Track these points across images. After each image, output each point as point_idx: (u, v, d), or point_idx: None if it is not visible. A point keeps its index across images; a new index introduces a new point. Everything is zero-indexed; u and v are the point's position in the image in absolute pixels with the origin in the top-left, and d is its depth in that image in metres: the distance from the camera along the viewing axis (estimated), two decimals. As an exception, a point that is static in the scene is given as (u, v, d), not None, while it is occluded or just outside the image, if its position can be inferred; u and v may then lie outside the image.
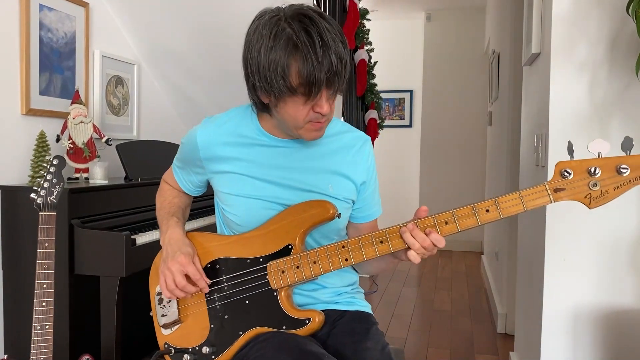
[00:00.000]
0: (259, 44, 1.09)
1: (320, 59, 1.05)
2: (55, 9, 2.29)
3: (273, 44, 1.07)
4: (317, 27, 1.07)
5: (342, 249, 1.15)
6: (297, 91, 1.08)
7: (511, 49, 3.35)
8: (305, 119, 1.13)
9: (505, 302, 3.35)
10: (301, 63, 1.05)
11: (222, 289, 1.24)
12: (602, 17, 1.74)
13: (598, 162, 1.02)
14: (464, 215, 1.09)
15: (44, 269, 1.54)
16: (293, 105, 1.11)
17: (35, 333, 1.53)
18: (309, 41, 1.05)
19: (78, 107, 2.23)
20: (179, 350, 1.27)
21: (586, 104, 1.77)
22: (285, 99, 1.10)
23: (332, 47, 1.07)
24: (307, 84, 1.06)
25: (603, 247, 1.78)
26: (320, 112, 1.12)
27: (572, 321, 1.82)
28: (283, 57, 1.06)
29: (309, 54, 1.05)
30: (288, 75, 1.06)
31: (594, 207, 1.04)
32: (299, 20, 1.08)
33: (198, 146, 1.28)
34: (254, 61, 1.10)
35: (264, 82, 1.09)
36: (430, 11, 6.17)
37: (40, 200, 1.56)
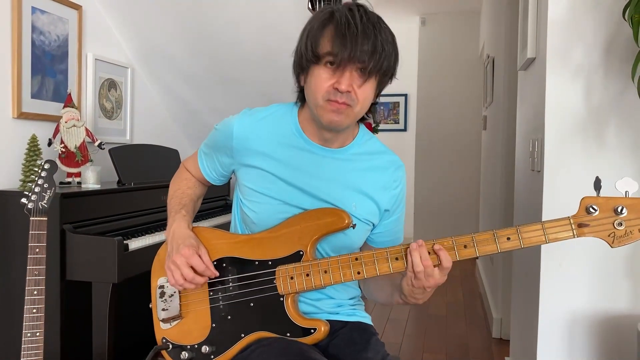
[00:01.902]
0: (307, 27, 1.15)
1: (354, 31, 1.06)
2: (47, 12, 2.27)
3: (313, 21, 1.13)
4: (363, 9, 1.11)
5: (355, 261, 1.12)
6: (322, 59, 1.09)
7: (506, 53, 3.36)
8: (324, 95, 1.11)
9: (500, 307, 3.35)
10: (334, 30, 1.08)
11: (227, 289, 1.22)
12: (598, 21, 1.74)
13: (625, 202, 1.02)
14: (484, 241, 1.06)
15: (34, 275, 1.52)
16: (317, 78, 1.11)
17: (25, 340, 1.51)
18: (350, 15, 1.08)
19: (70, 111, 2.21)
20: (177, 346, 1.24)
21: (582, 108, 1.77)
22: (312, 70, 1.12)
23: (371, 28, 1.08)
24: (333, 52, 1.07)
25: (599, 252, 1.78)
26: (337, 87, 1.09)
27: (568, 327, 1.81)
28: (318, 27, 1.10)
29: (345, 25, 1.06)
30: (319, 41, 1.09)
31: (617, 246, 1.03)
32: (348, 5, 1.12)
33: (233, 135, 1.25)
34: (298, 42, 1.16)
35: (299, 55, 1.14)
36: (425, 15, 6.18)
37: (31, 205, 1.54)
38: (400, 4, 5.78)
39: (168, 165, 2.69)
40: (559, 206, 1.80)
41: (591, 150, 1.76)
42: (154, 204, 2.36)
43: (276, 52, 2.72)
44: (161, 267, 1.28)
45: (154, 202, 2.37)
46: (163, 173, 2.60)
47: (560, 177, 1.79)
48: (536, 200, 1.92)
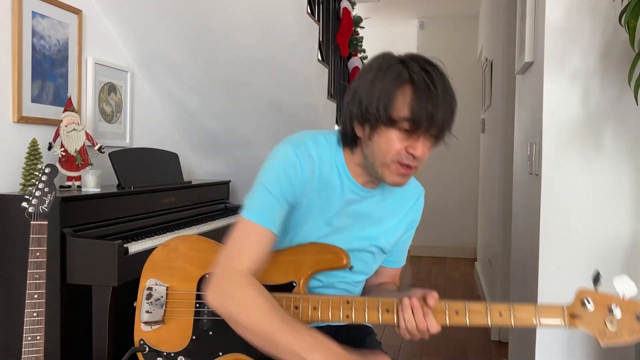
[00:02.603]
0: (369, 75, 1.09)
1: (435, 98, 1.03)
2: (47, 16, 2.28)
3: (384, 74, 1.06)
4: (439, 70, 1.07)
5: (346, 304, 1.12)
6: (398, 124, 1.05)
7: (504, 57, 3.37)
8: (394, 157, 1.08)
9: (499, 310, 3.35)
10: (413, 95, 1.03)
11: None
12: (595, 26, 1.75)
13: (621, 303, 1.02)
14: (476, 311, 1.06)
15: (35, 279, 1.52)
16: (387, 139, 1.07)
17: (25, 344, 1.51)
18: (428, 78, 1.03)
19: (70, 115, 2.21)
20: (153, 350, 1.24)
21: (579, 112, 1.78)
22: (382, 130, 1.07)
23: (449, 93, 1.06)
24: (413, 118, 1.03)
25: (597, 255, 1.78)
26: (413, 153, 1.07)
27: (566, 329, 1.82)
28: (392, 86, 1.04)
29: (425, 90, 1.03)
30: (393, 104, 1.04)
31: (605, 344, 1.03)
32: (417, 61, 1.07)
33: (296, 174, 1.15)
34: (359, 89, 1.09)
35: (365, 109, 1.07)
36: (424, 19, 6.20)
37: (31, 209, 1.54)
38: (399, 7, 5.80)
39: (168, 168, 2.70)
40: (557, 209, 1.81)
41: (588, 153, 1.77)
42: (153, 207, 2.37)
43: (276, 55, 2.73)
44: (154, 268, 1.28)
45: (154, 205, 2.37)
46: (163, 177, 2.61)
47: (558, 180, 1.80)
48: (534, 204, 1.93)
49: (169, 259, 1.29)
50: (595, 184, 1.77)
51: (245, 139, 3.29)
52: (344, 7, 3.89)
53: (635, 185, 1.75)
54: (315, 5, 3.49)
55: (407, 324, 1.05)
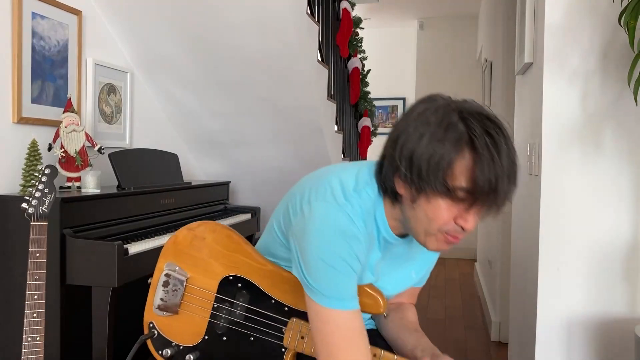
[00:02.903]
0: (423, 129, 0.94)
1: (499, 168, 0.90)
2: (47, 17, 2.28)
3: (443, 135, 0.92)
4: (502, 132, 0.93)
5: (373, 357, 1.06)
6: (453, 194, 0.93)
7: (504, 57, 3.37)
8: (441, 227, 0.97)
9: (499, 310, 3.35)
10: (475, 163, 0.90)
11: (232, 312, 1.16)
12: (595, 27, 1.75)
13: None
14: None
15: (35, 280, 1.53)
16: (436, 207, 0.95)
17: (25, 344, 1.51)
18: (492, 144, 0.90)
19: (70, 116, 2.21)
20: (162, 337, 1.19)
21: (579, 113, 1.78)
22: (431, 197, 0.95)
23: (514, 160, 0.93)
24: (472, 189, 0.92)
25: (596, 256, 1.79)
26: (463, 226, 0.96)
27: (566, 330, 1.82)
28: (452, 150, 0.91)
29: (489, 158, 0.90)
30: (451, 171, 0.91)
31: None
32: (479, 119, 0.93)
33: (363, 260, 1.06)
34: (410, 145, 0.95)
35: (414, 171, 0.94)
36: (423, 19, 6.20)
37: (31, 210, 1.54)
38: (399, 8, 5.80)
39: (167, 169, 2.70)
40: (557, 210, 1.81)
41: (588, 154, 1.77)
42: (153, 208, 2.36)
43: (275, 56, 2.73)
44: (176, 252, 1.22)
45: (154, 206, 2.37)
46: (163, 177, 2.61)
47: (558, 180, 1.80)
48: (534, 204, 1.93)
49: (192, 246, 1.22)
50: (595, 184, 1.77)
51: (244, 139, 3.29)
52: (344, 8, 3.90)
53: (635, 185, 1.75)
54: (315, 5, 3.49)
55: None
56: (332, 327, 1.00)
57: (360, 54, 4.33)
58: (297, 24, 2.67)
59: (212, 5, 2.53)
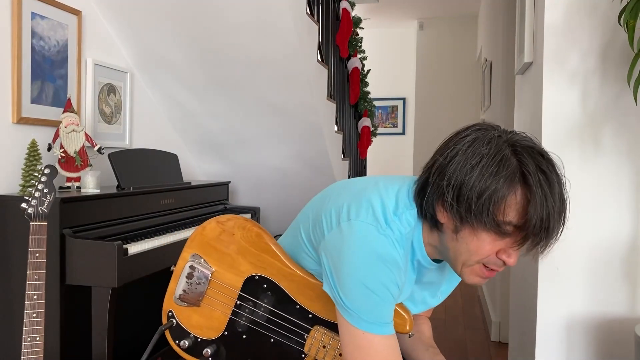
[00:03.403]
0: (474, 161, 0.91)
1: (552, 207, 0.89)
2: (47, 17, 2.28)
3: (496, 169, 0.90)
4: (555, 171, 0.93)
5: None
6: (502, 229, 0.91)
7: (503, 57, 3.37)
8: (481, 260, 0.96)
9: (499, 310, 3.35)
10: (527, 201, 0.89)
11: (255, 312, 1.15)
12: (594, 27, 1.75)
13: None
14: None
15: (34, 280, 1.53)
16: (480, 241, 0.93)
17: (25, 345, 1.51)
18: (546, 182, 0.90)
19: (70, 116, 2.21)
20: (181, 328, 1.18)
21: (579, 113, 1.78)
22: (476, 230, 0.93)
23: (565, 199, 0.92)
24: (522, 226, 0.90)
25: (596, 256, 1.79)
26: (506, 260, 0.94)
27: (566, 330, 1.82)
28: (504, 185, 0.89)
29: (542, 197, 0.88)
30: (502, 207, 0.89)
31: None
32: (531, 154, 0.93)
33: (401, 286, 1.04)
34: (459, 175, 0.92)
35: (462, 203, 0.92)
36: (423, 19, 6.21)
37: (31, 210, 1.54)
38: (399, 8, 5.81)
39: (167, 169, 2.70)
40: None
41: (588, 153, 1.77)
42: (153, 208, 2.36)
43: (275, 56, 2.73)
44: (203, 243, 1.20)
45: (154, 206, 2.37)
46: (162, 177, 2.61)
47: (558, 180, 1.80)
48: (534, 204, 1.93)
49: (220, 240, 1.20)
50: (595, 183, 1.77)
51: (244, 139, 3.29)
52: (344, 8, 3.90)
53: (634, 184, 1.75)
54: (315, 5, 3.49)
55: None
56: (371, 351, 0.99)
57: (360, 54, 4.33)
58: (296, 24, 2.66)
59: (212, 5, 2.53)
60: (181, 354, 1.18)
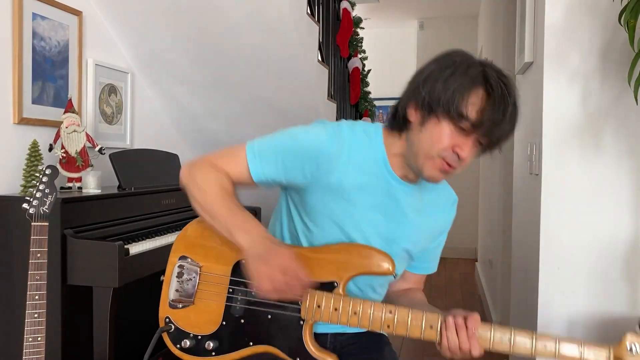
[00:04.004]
0: (451, 68, 1.08)
1: (506, 110, 1.04)
2: (48, 18, 2.28)
3: (464, 71, 1.07)
4: (513, 87, 1.08)
5: (389, 314, 1.09)
6: (459, 121, 1.05)
7: (504, 57, 3.37)
8: (440, 152, 1.08)
9: (499, 310, 3.35)
10: (485, 99, 1.05)
11: (248, 292, 1.17)
12: (594, 26, 1.75)
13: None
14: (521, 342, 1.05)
15: (36, 280, 1.53)
16: (440, 131, 1.07)
17: (27, 345, 1.51)
18: (503, 90, 1.05)
19: (71, 116, 2.22)
20: (180, 330, 1.19)
21: (579, 112, 1.78)
22: (440, 120, 1.07)
23: (517, 110, 1.08)
24: (477, 120, 1.04)
25: (597, 255, 1.79)
26: (459, 153, 1.07)
27: (566, 329, 1.82)
28: (470, 84, 1.05)
29: (499, 99, 1.04)
30: (466, 102, 1.04)
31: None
32: (495, 69, 1.09)
33: (321, 152, 1.15)
34: (434, 74, 1.09)
35: (433, 95, 1.07)
36: (423, 19, 6.20)
37: (32, 210, 1.55)
38: (399, 8, 5.81)
39: (168, 170, 2.70)
40: (557, 209, 1.81)
41: (588, 153, 1.77)
42: (154, 208, 2.37)
43: (275, 56, 2.73)
44: (187, 244, 1.23)
45: (155, 206, 2.37)
46: (163, 178, 2.61)
47: (558, 180, 1.80)
48: (534, 204, 1.93)
49: (203, 236, 1.23)
50: (596, 183, 1.77)
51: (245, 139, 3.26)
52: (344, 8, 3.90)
53: (635, 184, 1.75)
54: (315, 6, 3.49)
55: (449, 344, 1.04)
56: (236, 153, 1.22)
57: (360, 54, 4.33)
58: (297, 24, 2.67)
59: (213, 5, 2.53)
60: (183, 357, 1.19)
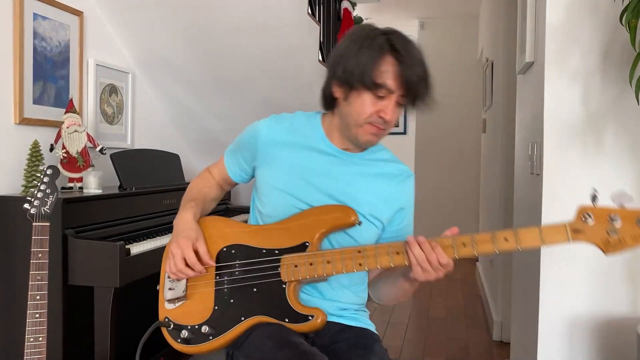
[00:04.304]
0: (358, 43, 1.18)
1: (412, 69, 1.16)
2: (49, 18, 2.28)
3: (370, 43, 1.17)
4: (415, 47, 1.20)
5: (358, 253, 1.17)
6: (376, 89, 1.17)
7: (505, 57, 3.37)
8: (367, 119, 1.20)
9: (500, 310, 3.35)
10: (394, 64, 1.16)
11: (233, 274, 1.25)
12: (596, 26, 1.75)
13: (620, 212, 1.07)
14: (483, 241, 1.12)
15: (37, 280, 1.53)
16: (362, 102, 1.19)
17: (28, 345, 1.52)
18: (408, 53, 1.16)
19: (72, 116, 2.22)
20: (178, 326, 1.27)
21: (580, 112, 1.78)
22: (360, 92, 1.19)
23: (424, 67, 1.19)
24: (391, 85, 1.16)
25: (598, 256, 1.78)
26: (383, 117, 1.20)
27: (568, 329, 1.82)
28: (377, 54, 1.16)
29: (403, 59, 1.15)
30: (376, 70, 1.15)
31: (610, 254, 1.08)
32: (400, 37, 1.20)
33: (259, 137, 1.33)
34: (345, 54, 1.20)
35: (349, 72, 1.17)
36: (424, 19, 6.20)
37: (33, 210, 1.55)
38: (399, 8, 5.80)
39: (169, 169, 2.71)
40: (558, 209, 1.81)
41: (589, 153, 1.77)
42: (155, 208, 2.37)
43: (276, 56, 2.74)
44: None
45: (156, 206, 2.38)
46: (164, 178, 2.61)
47: (559, 180, 1.80)
48: (535, 203, 1.93)
49: None
50: (597, 183, 1.77)
51: (246, 139, 3.29)
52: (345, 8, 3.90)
53: (636, 184, 1.75)
54: (316, 5, 3.49)
55: (418, 259, 1.10)
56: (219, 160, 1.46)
57: (361, 53, 4.33)
58: (298, 24, 2.67)
59: (214, 6, 2.53)
60: (185, 350, 1.26)
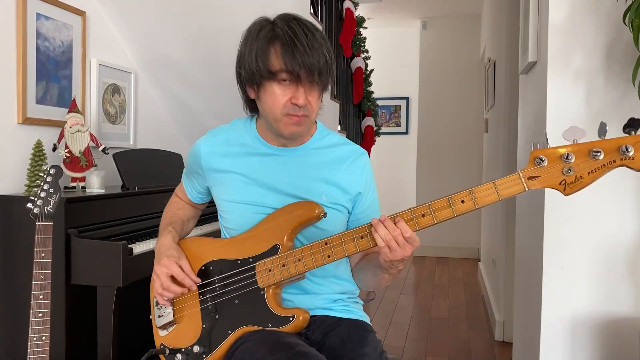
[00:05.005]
0: (247, 40, 1.21)
1: (300, 48, 1.14)
2: (52, 18, 2.29)
3: (257, 35, 1.19)
4: (300, 23, 1.18)
5: (325, 245, 1.18)
6: (277, 76, 1.16)
7: (507, 56, 3.37)
8: (282, 111, 1.19)
9: (502, 310, 3.35)
10: (281, 48, 1.15)
11: (214, 290, 1.27)
12: (598, 26, 1.75)
13: (572, 148, 1.02)
14: (440, 207, 1.11)
15: (40, 280, 1.53)
16: (272, 94, 1.18)
17: (31, 344, 1.52)
18: (291, 31, 1.15)
19: (75, 116, 2.22)
20: (173, 350, 1.30)
21: (583, 112, 1.78)
22: (266, 86, 1.19)
23: (312, 41, 1.15)
24: (287, 69, 1.14)
25: (600, 255, 1.78)
26: (296, 103, 1.17)
27: (570, 329, 1.82)
28: (265, 44, 1.16)
29: (291, 43, 1.14)
30: (269, 59, 1.15)
31: (570, 194, 1.03)
32: (285, 19, 1.19)
33: (200, 156, 1.35)
34: (241, 53, 1.22)
35: (249, 70, 1.19)
36: (426, 19, 6.20)
37: (37, 210, 1.55)
38: (402, 8, 5.80)
39: (171, 169, 2.71)
40: (560, 209, 1.81)
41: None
42: (157, 208, 2.36)
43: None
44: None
45: (158, 206, 2.37)
46: (167, 177, 2.62)
47: (562, 180, 1.80)
48: (538, 203, 1.93)
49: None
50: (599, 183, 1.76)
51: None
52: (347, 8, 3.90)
53: (638, 185, 1.75)
54: (318, 5, 3.50)
55: (383, 237, 1.09)
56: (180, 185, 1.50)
57: (363, 53, 4.33)
58: (300, 23, 2.66)
59: (216, 5, 2.53)
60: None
